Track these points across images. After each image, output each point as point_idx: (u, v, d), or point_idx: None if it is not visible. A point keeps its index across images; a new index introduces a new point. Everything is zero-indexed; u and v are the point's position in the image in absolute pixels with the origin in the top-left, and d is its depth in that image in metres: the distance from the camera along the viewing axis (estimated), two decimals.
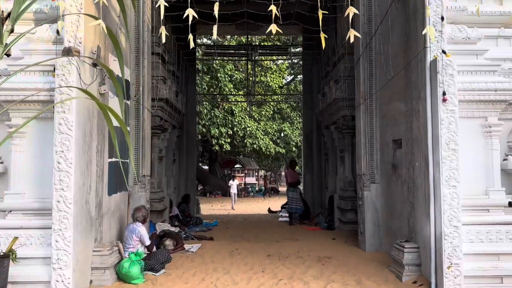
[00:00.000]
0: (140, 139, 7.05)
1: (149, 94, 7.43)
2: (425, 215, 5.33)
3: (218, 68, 24.11)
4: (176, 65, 11.45)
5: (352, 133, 9.45)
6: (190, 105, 13.99)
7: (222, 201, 26.17)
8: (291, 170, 11.92)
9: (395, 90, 6.36)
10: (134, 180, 7.04)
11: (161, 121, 9.37)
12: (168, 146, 10.70)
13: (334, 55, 10.37)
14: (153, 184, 9.28)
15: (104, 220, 5.84)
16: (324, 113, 10.79)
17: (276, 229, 10.60)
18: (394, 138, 6.41)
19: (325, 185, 11.87)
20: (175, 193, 11.44)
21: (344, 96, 9.10)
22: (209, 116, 24.95)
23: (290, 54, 16.81)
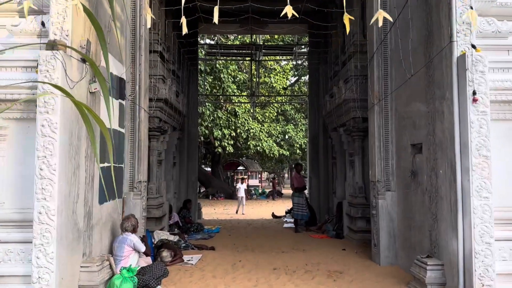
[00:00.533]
0: (136, 142, 6.52)
1: (146, 93, 6.90)
2: (451, 228, 4.77)
3: (221, 68, 23.58)
4: (177, 65, 10.93)
5: (362, 136, 8.90)
6: (192, 106, 13.47)
7: (225, 204, 25.63)
8: (296, 174, 11.36)
9: (415, 90, 5.80)
10: (130, 187, 6.51)
11: (160, 122, 8.85)
12: (168, 149, 10.18)
13: (343, 54, 9.82)
14: (151, 189, 8.75)
15: (94, 231, 5.31)
16: (332, 115, 10.24)
17: (281, 237, 10.04)
18: (413, 142, 5.85)
19: (333, 190, 11.31)
20: (175, 197, 10.91)
21: (354, 96, 8.55)
22: (211, 118, 24.40)
23: (295, 54, 16.28)
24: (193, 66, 13.49)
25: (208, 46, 16.18)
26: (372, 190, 6.80)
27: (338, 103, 9.26)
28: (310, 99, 14.05)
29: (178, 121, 10.52)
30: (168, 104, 9.00)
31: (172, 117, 9.70)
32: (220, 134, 24.94)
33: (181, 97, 10.80)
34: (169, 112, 9.26)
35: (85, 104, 3.09)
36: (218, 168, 35.71)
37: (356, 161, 8.94)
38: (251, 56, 15.76)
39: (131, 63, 6.54)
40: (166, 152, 10.12)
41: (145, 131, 6.80)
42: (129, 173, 6.49)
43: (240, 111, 26.29)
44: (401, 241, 6.38)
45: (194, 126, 13.58)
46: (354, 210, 8.80)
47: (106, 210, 5.77)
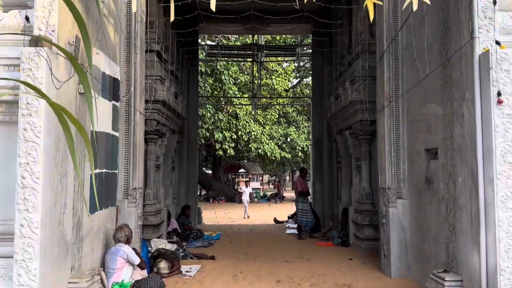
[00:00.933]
0: (131, 146, 6.13)
1: (142, 94, 6.51)
2: (472, 242, 4.36)
3: (222, 70, 23.20)
4: (176, 65, 10.55)
5: (370, 139, 8.50)
6: (192, 108, 13.09)
7: (225, 207, 25.24)
8: (301, 179, 10.96)
9: (429, 91, 5.41)
10: (124, 194, 6.12)
11: (158, 125, 8.46)
12: (166, 153, 9.79)
13: (349, 54, 9.43)
14: (149, 195, 8.36)
15: (85, 243, 4.92)
16: (337, 117, 9.84)
17: (284, 244, 9.62)
18: (428, 147, 5.45)
19: (338, 195, 10.90)
20: (174, 203, 10.52)
21: (361, 98, 8.15)
22: (212, 120, 24.01)
23: (298, 55, 15.90)
24: (193, 67, 13.12)
25: (208, 47, 15.81)
26: (382, 198, 6.39)
27: (344, 105, 8.86)
28: (314, 101, 13.66)
29: (177, 124, 10.14)
30: (166, 106, 8.62)
31: (171, 119, 9.32)
32: (221, 137, 24.55)
33: (180, 99, 10.42)
34: (167, 114, 8.87)
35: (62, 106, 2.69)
36: (219, 171, 35.38)
37: (363, 166, 8.54)
38: (253, 57, 15.38)
39: (125, 63, 6.16)
40: (165, 156, 9.73)
41: (141, 134, 6.41)
42: (124, 179, 6.10)
43: (241, 113, 25.90)
44: (413, 253, 5.97)
45: (194, 129, 13.20)
46: (361, 217, 8.40)
47: (98, 219, 5.38)
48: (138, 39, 6.23)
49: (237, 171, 41.05)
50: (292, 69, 33.99)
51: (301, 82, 35.07)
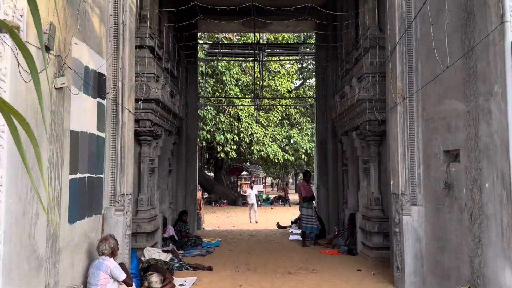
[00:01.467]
0: (118, 147, 5.59)
1: (131, 91, 5.98)
2: (503, 257, 3.79)
3: (223, 70, 22.69)
4: (173, 63, 10.03)
5: (379, 140, 7.94)
6: (191, 109, 12.56)
7: (228, 211, 24.68)
8: (304, 182, 10.38)
9: (448, 86, 4.84)
10: (111, 201, 5.57)
11: (152, 126, 7.93)
12: (162, 155, 9.25)
13: (356, 50, 8.88)
14: (142, 201, 7.82)
15: (62, 256, 4.37)
16: (343, 117, 9.28)
17: (288, 253, 9.05)
18: (447, 148, 4.87)
19: (343, 200, 10.32)
20: (171, 208, 9.97)
21: (370, 96, 7.60)
22: (214, 122, 23.49)
23: (301, 54, 15.35)
24: (192, 65, 12.59)
25: (209, 46, 15.29)
26: (395, 204, 5.81)
27: (351, 103, 8.30)
28: (317, 101, 13.10)
29: (174, 125, 9.60)
30: (161, 105, 8.09)
31: (166, 120, 8.79)
32: (222, 139, 24.02)
33: (178, 99, 9.89)
34: (162, 114, 8.34)
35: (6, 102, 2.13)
36: (221, 173, 34.92)
37: (372, 169, 7.97)
38: (254, 57, 14.85)
39: (113, 57, 5.63)
40: (160, 159, 9.19)
41: (130, 135, 5.87)
42: (111, 184, 5.56)
43: (243, 115, 25.37)
44: (430, 265, 5.39)
45: (194, 130, 12.67)
46: (369, 224, 7.82)
47: (80, 229, 4.83)
48: (126, 30, 5.70)
49: (239, 173, 40.56)
50: (295, 70, 33.51)
51: (304, 84, 34.62)
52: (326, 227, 11.34)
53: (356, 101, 7.89)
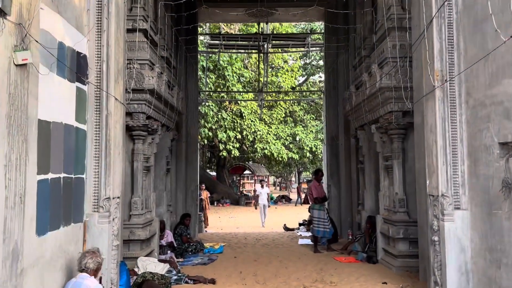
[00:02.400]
0: (102, 142, 4.68)
1: (119, 76, 5.06)
2: None
3: (225, 65, 21.77)
4: (171, 52, 9.12)
5: (403, 134, 7.03)
6: (191, 104, 11.67)
7: (230, 211, 23.83)
8: (315, 182, 9.46)
9: (504, 63, 3.92)
10: (94, 205, 4.67)
11: (146, 119, 7.03)
12: (159, 153, 8.35)
13: (374, 34, 7.95)
14: (136, 204, 6.92)
15: (28, 277, 3.48)
16: (359, 109, 8.36)
17: (299, 260, 8.14)
18: (506, 139, 3.95)
19: (359, 201, 9.39)
20: (169, 211, 9.06)
21: (393, 84, 6.68)
22: (215, 119, 22.56)
23: (308, 45, 14.42)
24: (193, 58, 11.68)
25: (210, 37, 14.37)
26: (432, 208, 4.89)
27: (370, 93, 7.38)
28: (327, 94, 12.18)
29: (172, 119, 8.70)
30: (157, 96, 7.18)
31: (163, 113, 7.88)
32: (224, 137, 23.10)
33: (176, 91, 8.99)
34: (158, 106, 7.43)
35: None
36: (224, 172, 34.12)
37: (395, 166, 7.04)
38: (258, 48, 13.91)
39: (96, 34, 4.72)
40: (157, 157, 8.29)
41: (118, 127, 4.96)
42: (94, 186, 4.65)
43: (246, 112, 24.46)
44: (480, 282, 4.47)
45: (194, 127, 11.76)
46: (393, 229, 6.90)
47: (54, 242, 3.93)
48: (113, 3, 4.78)
49: (242, 172, 39.70)
50: (299, 66, 32.60)
51: (308, 80, 33.76)
52: (338, 230, 10.43)
53: (378, 89, 6.96)
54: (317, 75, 36.07)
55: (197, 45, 12.42)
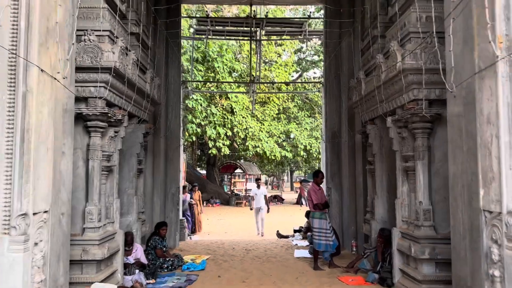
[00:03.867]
0: (17, 133, 3.20)
1: (49, 39, 3.55)
2: None
3: (215, 56, 20.26)
4: (147, 31, 7.63)
5: (429, 128, 5.62)
6: (173, 94, 10.18)
7: (220, 212, 22.42)
8: (315, 185, 8.01)
9: None
10: (4, 226, 3.18)
11: (107, 106, 5.54)
12: (128, 150, 6.87)
13: (391, 7, 6.53)
14: (91, 215, 5.43)
15: None
16: (370, 99, 6.96)
17: (296, 281, 6.71)
18: None
19: (367, 208, 7.97)
20: (140, 220, 7.55)
21: (419, 65, 5.28)
22: (204, 114, 21.04)
23: (305, 32, 13.00)
24: (175, 45, 10.16)
25: (197, 21, 12.86)
26: (490, 229, 3.49)
27: (387, 78, 5.97)
28: (327, 86, 10.76)
29: (145, 109, 7.22)
30: (121, 78, 5.70)
31: (131, 100, 6.39)
32: (214, 133, 21.58)
33: (150, 75, 7.51)
34: (122, 91, 5.94)
35: None
36: (214, 171, 32.76)
37: (419, 168, 5.63)
38: (250, 34, 12.44)
39: None
40: (125, 155, 6.81)
41: (45, 112, 3.47)
42: (4, 198, 3.17)
43: (238, 107, 22.98)
44: None
45: (176, 120, 10.25)
46: (416, 247, 5.50)
47: None
48: None
49: (233, 171, 38.36)
50: (293, 61, 31.24)
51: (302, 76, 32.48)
52: (340, 240, 9.03)
53: (398, 72, 5.55)
54: (312, 70, 34.79)
55: (180, 30, 10.90)
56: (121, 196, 6.82)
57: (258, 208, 13.37)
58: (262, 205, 13.38)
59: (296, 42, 32.02)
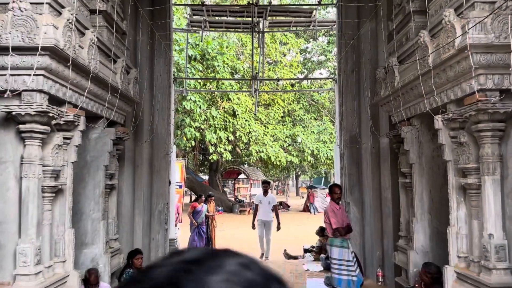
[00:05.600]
0: None
1: None
2: None
3: (214, 55, 18.69)
4: (120, 12, 6.06)
5: (501, 131, 3.98)
6: (161, 93, 8.58)
7: (222, 221, 20.69)
8: (333, 204, 6.35)
9: None
10: None
11: (44, 103, 3.94)
12: (92, 162, 5.29)
13: None
14: (24, 256, 3.83)
15: None
16: (407, 93, 5.33)
17: None
18: None
19: (399, 231, 6.29)
20: (111, 249, 5.92)
21: (491, 39, 3.66)
22: (204, 117, 19.45)
23: (314, 22, 11.42)
24: (163, 38, 8.58)
25: (191, 9, 11.32)
26: None
27: (439, 62, 4.33)
28: (342, 83, 9.12)
29: (115, 108, 5.62)
30: (70, 63, 4.11)
31: (92, 96, 4.80)
32: (214, 138, 19.98)
33: (121, 65, 5.94)
34: (77, 82, 4.36)
35: None
36: (217, 177, 31.29)
37: (489, 187, 3.97)
38: (252, 25, 10.86)
39: None
40: (89, 168, 5.22)
41: None
42: None
43: (240, 109, 21.39)
44: None
45: (164, 124, 8.65)
46: None
47: None
48: None
49: (236, 176, 36.83)
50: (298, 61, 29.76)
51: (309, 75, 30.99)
52: (362, 266, 7.37)
53: (459, 51, 3.91)
54: (318, 71, 33.19)
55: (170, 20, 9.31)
56: (83, 222, 5.24)
57: (264, 222, 10.00)
58: (267, 218, 9.95)
59: (302, 41, 30.50)
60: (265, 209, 10.06)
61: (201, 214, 11.44)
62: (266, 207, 10.05)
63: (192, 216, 11.52)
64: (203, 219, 11.45)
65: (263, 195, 10.32)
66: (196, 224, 11.44)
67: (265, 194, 10.30)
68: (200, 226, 11.47)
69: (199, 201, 11.96)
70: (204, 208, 11.58)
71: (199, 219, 11.40)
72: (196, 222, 11.46)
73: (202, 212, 11.49)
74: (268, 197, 10.19)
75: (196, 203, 11.98)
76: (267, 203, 10.08)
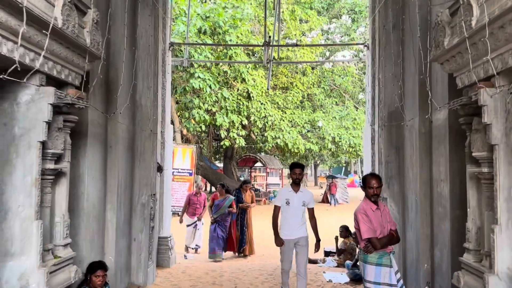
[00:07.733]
0: None
1: None
2: None
3: (226, 28, 16.84)
4: None
5: None
6: (144, 55, 6.82)
7: None
8: (368, 202, 4.46)
9: None
10: None
11: None
12: (20, 137, 3.60)
13: None
14: None
15: None
16: (494, 35, 3.39)
17: None
18: None
19: (468, 241, 4.39)
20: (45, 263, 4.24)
21: None
22: (214, 98, 17.70)
23: None
24: None
25: None
26: None
27: None
28: (378, 43, 7.18)
29: (67, 62, 3.89)
30: None
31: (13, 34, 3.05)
32: (226, 122, 18.24)
33: (94, 16, 4.18)
34: None
35: None
36: (232, 164, 29.76)
37: None
38: None
39: None
40: (16, 146, 3.54)
41: None
42: None
43: (255, 91, 19.56)
44: None
45: (150, 94, 6.90)
46: None
47: None
48: None
49: (252, 165, 35.27)
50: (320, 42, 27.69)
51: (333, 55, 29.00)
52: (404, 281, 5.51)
53: None
54: (341, 53, 30.99)
55: None
56: (8, 223, 3.61)
57: (293, 241, 5.70)
58: (301, 234, 5.71)
59: (324, 19, 28.33)
60: (294, 216, 5.71)
61: (219, 209, 9.70)
62: (296, 211, 5.71)
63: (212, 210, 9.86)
64: (223, 215, 9.70)
65: (293, 190, 5.82)
66: (212, 219, 9.74)
67: (295, 189, 5.83)
68: (220, 223, 9.73)
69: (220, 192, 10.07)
70: (227, 202, 9.74)
71: (216, 214, 9.69)
72: (212, 217, 9.77)
73: (222, 206, 9.70)
74: (302, 194, 5.82)
75: (217, 194, 10.19)
76: (299, 205, 5.74)
